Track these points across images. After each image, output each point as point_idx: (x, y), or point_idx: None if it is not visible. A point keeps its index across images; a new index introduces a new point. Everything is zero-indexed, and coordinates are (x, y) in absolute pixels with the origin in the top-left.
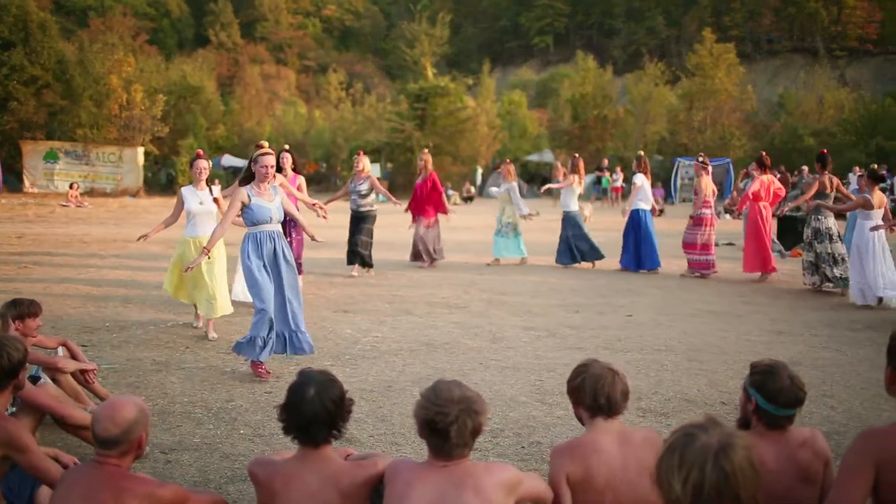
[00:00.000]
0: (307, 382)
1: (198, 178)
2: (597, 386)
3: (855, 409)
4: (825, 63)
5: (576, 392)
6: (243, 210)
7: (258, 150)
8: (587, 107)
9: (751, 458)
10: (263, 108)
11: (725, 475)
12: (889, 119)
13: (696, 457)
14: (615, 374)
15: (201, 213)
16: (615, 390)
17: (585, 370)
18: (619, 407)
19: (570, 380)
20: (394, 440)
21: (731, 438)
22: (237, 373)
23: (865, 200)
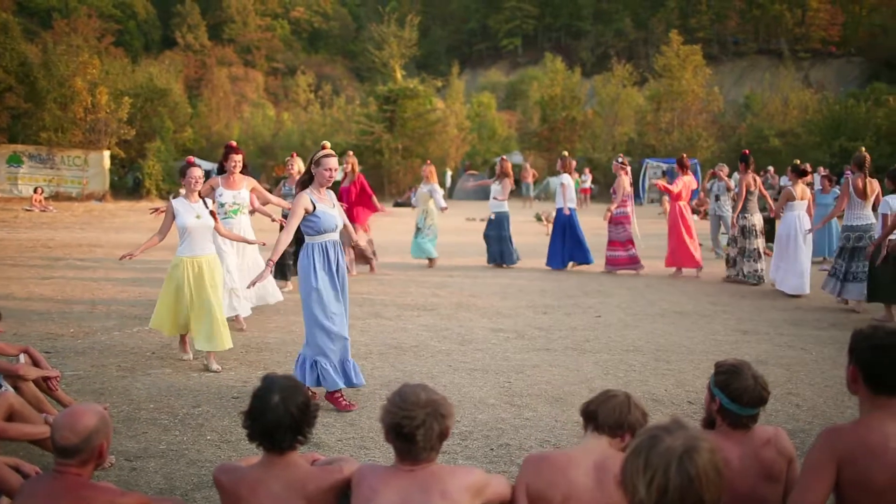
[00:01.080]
0: (271, 388)
1: (192, 189)
2: (599, 397)
3: (819, 406)
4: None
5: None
6: (306, 218)
7: (321, 150)
8: (556, 108)
9: (715, 462)
10: (232, 111)
11: (689, 478)
12: (852, 120)
13: (660, 460)
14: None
15: (199, 229)
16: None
17: (611, 389)
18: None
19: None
20: (362, 444)
21: (696, 441)
22: (203, 378)
23: (789, 193)
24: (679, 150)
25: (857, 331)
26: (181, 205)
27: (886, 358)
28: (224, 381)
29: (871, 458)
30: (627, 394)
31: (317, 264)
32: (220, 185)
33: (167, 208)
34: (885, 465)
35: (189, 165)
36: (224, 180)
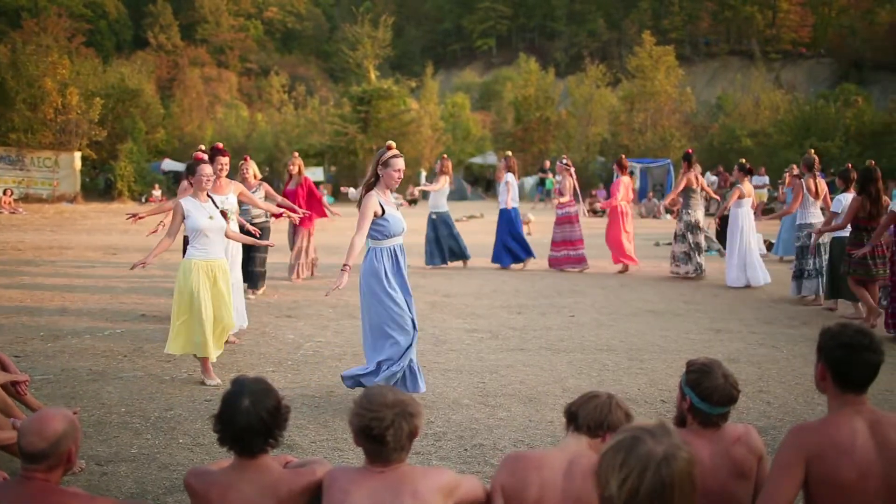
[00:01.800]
0: (241, 392)
1: (203, 188)
2: (582, 398)
3: (790, 404)
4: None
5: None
6: (375, 222)
7: (387, 150)
8: (530, 109)
9: (692, 472)
10: (204, 112)
11: (662, 485)
12: (822, 120)
13: (638, 461)
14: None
15: (213, 231)
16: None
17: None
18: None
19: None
20: (336, 446)
21: (676, 450)
22: (176, 381)
23: (740, 191)
24: (652, 150)
25: (825, 329)
26: (192, 204)
27: (854, 356)
28: (196, 383)
29: (838, 455)
30: (611, 395)
31: (387, 269)
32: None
33: (176, 208)
34: (853, 461)
35: (198, 162)
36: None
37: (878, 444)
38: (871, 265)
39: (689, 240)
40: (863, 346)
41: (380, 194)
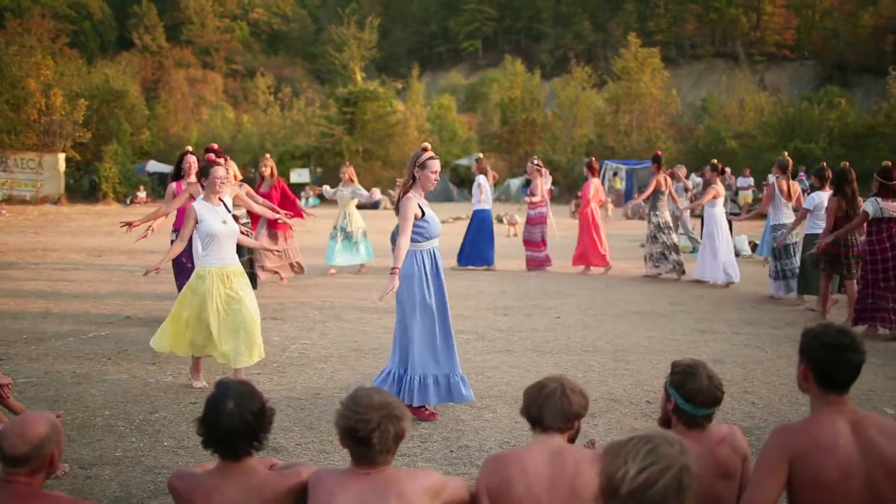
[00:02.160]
0: (225, 395)
1: (216, 191)
2: (535, 397)
3: (774, 404)
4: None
5: (523, 398)
6: (415, 224)
7: (423, 152)
8: (516, 110)
9: (696, 490)
10: (190, 113)
11: (678, 489)
12: (806, 122)
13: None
14: (562, 389)
15: (227, 235)
16: (550, 404)
17: (542, 382)
18: (554, 424)
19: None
20: (322, 448)
21: (695, 466)
22: (161, 384)
23: (715, 191)
24: (638, 151)
25: (807, 330)
26: (205, 208)
27: (836, 356)
28: (181, 385)
29: (821, 454)
30: (561, 382)
31: (427, 271)
32: (200, 192)
33: (189, 213)
34: (835, 461)
35: (211, 164)
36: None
37: (859, 443)
38: (845, 264)
39: (662, 239)
40: (844, 347)
41: (417, 196)
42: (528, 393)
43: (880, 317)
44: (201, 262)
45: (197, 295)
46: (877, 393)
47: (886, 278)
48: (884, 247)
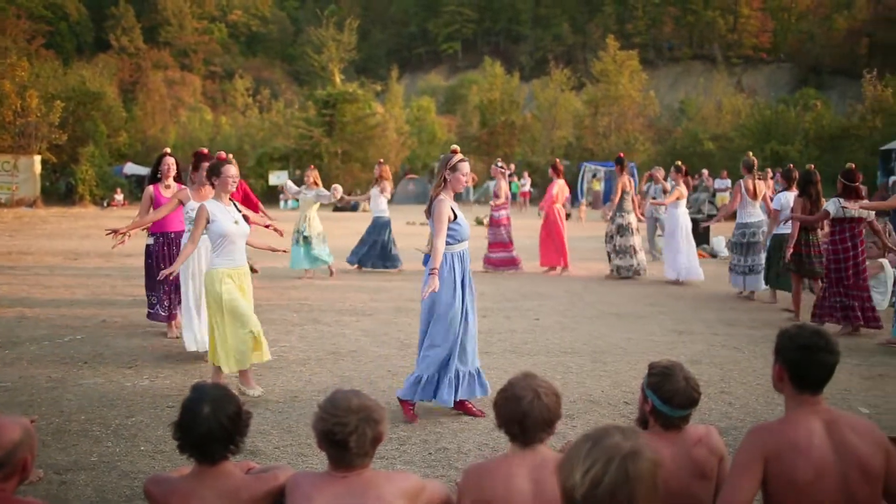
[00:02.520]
0: (201, 398)
1: (227, 190)
2: (513, 410)
3: (751, 404)
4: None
5: (496, 414)
6: (448, 227)
7: (453, 155)
8: (495, 112)
9: (655, 475)
10: (168, 115)
11: (626, 478)
12: (782, 124)
13: (604, 452)
14: (537, 397)
15: (239, 236)
16: (532, 416)
17: (508, 389)
18: (536, 435)
19: (495, 400)
20: (300, 451)
21: (643, 449)
22: (138, 388)
23: (679, 192)
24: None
25: (782, 330)
26: (217, 208)
27: (811, 357)
28: (158, 389)
29: (795, 454)
30: (533, 389)
31: (457, 273)
32: (190, 198)
33: (200, 212)
34: (809, 461)
35: (223, 163)
36: (196, 193)
37: (834, 443)
38: (807, 263)
39: (617, 241)
40: (819, 348)
41: (449, 199)
42: (504, 408)
43: (845, 315)
44: (212, 263)
45: (220, 301)
46: (852, 392)
47: (849, 276)
48: (846, 246)
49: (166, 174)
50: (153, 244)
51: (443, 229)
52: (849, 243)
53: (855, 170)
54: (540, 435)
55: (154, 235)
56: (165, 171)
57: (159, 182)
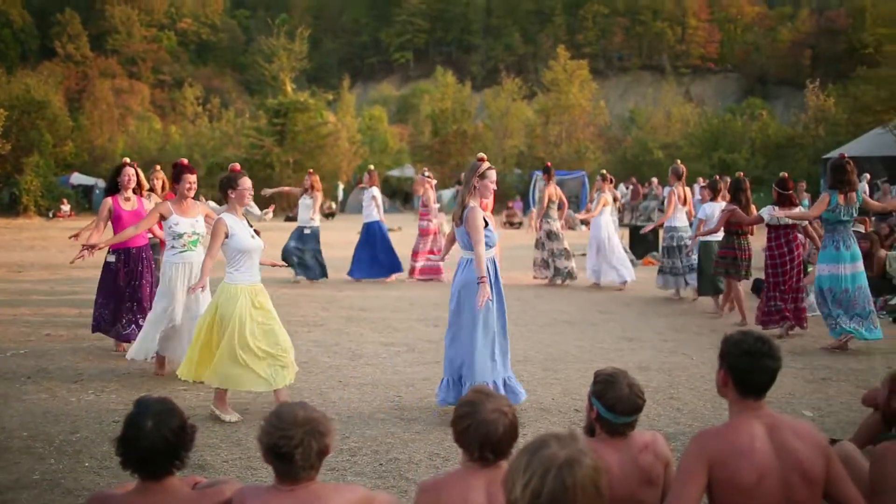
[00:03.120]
0: (144, 413)
1: (244, 203)
2: (485, 436)
3: (699, 410)
4: (671, 80)
5: (461, 439)
6: None
7: (481, 163)
8: (447, 122)
9: (596, 480)
10: (116, 124)
11: (564, 488)
12: (729, 133)
13: (540, 464)
14: (504, 416)
15: (256, 251)
16: (505, 439)
17: (472, 414)
18: (506, 454)
19: (455, 422)
20: (249, 464)
21: (581, 456)
22: (83, 402)
23: (605, 199)
24: (567, 162)
25: (727, 336)
26: (234, 222)
27: (754, 363)
28: (104, 404)
29: (739, 458)
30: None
31: (490, 282)
32: (172, 212)
33: (218, 226)
34: (752, 464)
35: (238, 174)
36: (177, 206)
37: (776, 447)
38: (735, 266)
39: (547, 247)
40: (762, 354)
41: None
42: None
43: (779, 318)
44: (229, 278)
45: (228, 318)
46: (796, 396)
47: (786, 280)
48: (781, 251)
49: (126, 185)
50: (114, 261)
51: (480, 237)
52: (784, 248)
53: (788, 178)
54: (506, 455)
55: (115, 252)
56: (125, 182)
57: (118, 194)
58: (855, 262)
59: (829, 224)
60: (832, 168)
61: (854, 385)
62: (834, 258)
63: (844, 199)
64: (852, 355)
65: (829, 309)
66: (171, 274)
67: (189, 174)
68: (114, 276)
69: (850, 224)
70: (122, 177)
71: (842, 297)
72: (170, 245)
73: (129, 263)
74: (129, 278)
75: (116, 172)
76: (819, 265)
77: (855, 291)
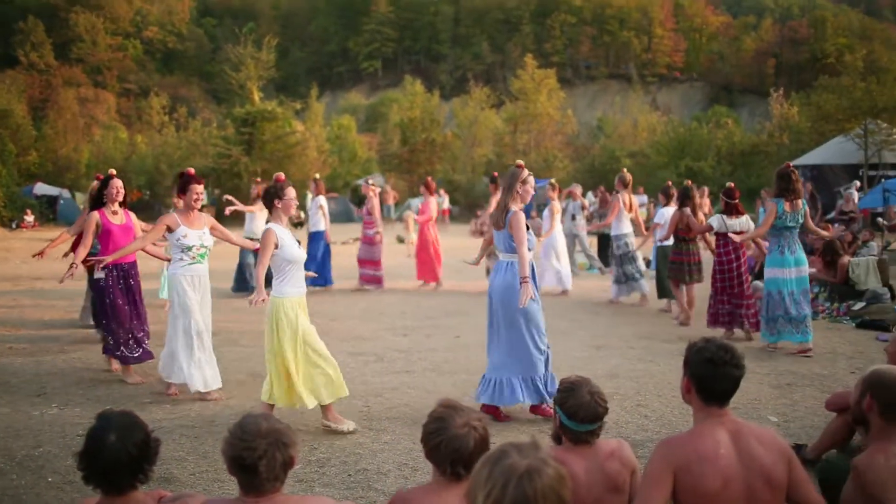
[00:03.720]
0: (106, 427)
1: (290, 214)
2: (457, 451)
3: (667, 416)
4: (638, 88)
5: (432, 455)
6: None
7: (520, 169)
8: (416, 130)
9: (559, 489)
10: (80, 134)
11: (525, 498)
12: (695, 141)
13: (501, 475)
14: (474, 430)
15: (302, 262)
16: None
17: (443, 430)
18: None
19: (425, 439)
20: (216, 476)
21: (541, 464)
22: (46, 416)
23: (555, 207)
24: (535, 170)
25: (691, 344)
26: (283, 232)
27: (717, 370)
28: (68, 418)
29: (703, 464)
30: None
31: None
32: (179, 223)
33: (268, 236)
34: (716, 470)
35: (283, 184)
36: (184, 217)
37: (739, 453)
38: (687, 271)
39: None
40: (724, 361)
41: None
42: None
43: (732, 321)
44: (279, 291)
45: (295, 336)
46: (761, 402)
47: (733, 286)
48: (730, 258)
49: (114, 198)
50: (104, 278)
51: (524, 239)
52: (732, 255)
53: (734, 188)
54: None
55: (104, 269)
56: (113, 195)
57: (104, 206)
58: (800, 267)
59: (776, 230)
60: (778, 177)
61: (818, 390)
62: (779, 262)
63: (790, 207)
64: (816, 361)
65: (770, 312)
66: (183, 287)
67: (196, 184)
68: (109, 295)
69: (795, 230)
70: (110, 189)
71: (788, 300)
72: (178, 258)
73: (121, 279)
74: (128, 295)
75: (104, 185)
76: (766, 269)
77: (799, 295)
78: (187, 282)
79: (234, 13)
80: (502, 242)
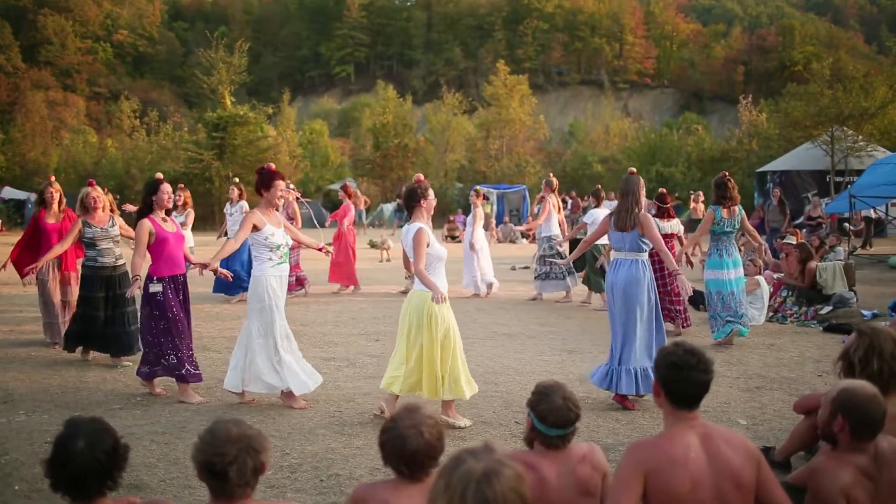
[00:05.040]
0: (74, 434)
1: (431, 212)
2: (400, 449)
3: (638, 420)
4: (610, 95)
5: (381, 452)
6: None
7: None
8: (388, 136)
9: (518, 489)
10: (49, 137)
11: (486, 501)
12: (666, 147)
13: (459, 482)
14: (420, 434)
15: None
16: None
17: (392, 429)
18: (423, 472)
19: (379, 436)
20: (187, 483)
21: (498, 466)
22: (13, 423)
23: (480, 213)
24: (508, 176)
25: (661, 348)
26: (430, 231)
27: (684, 374)
28: (35, 424)
29: (673, 468)
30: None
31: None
32: (265, 222)
33: (421, 236)
34: (686, 473)
35: (426, 186)
36: (267, 216)
37: (709, 456)
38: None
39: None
40: (690, 366)
41: None
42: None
43: (669, 317)
44: (421, 286)
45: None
46: (731, 405)
47: (664, 283)
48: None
49: (164, 204)
50: (161, 291)
51: (659, 236)
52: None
53: (666, 194)
54: (426, 470)
55: (161, 280)
56: (163, 201)
57: (152, 213)
58: (737, 268)
59: (715, 235)
60: (716, 186)
61: (786, 393)
62: (719, 265)
63: (728, 213)
64: (784, 365)
65: (715, 311)
66: (273, 287)
67: (279, 180)
68: (164, 310)
69: (732, 235)
70: (161, 194)
71: (728, 300)
72: (265, 257)
73: (176, 292)
74: (184, 307)
75: (152, 190)
76: (706, 271)
77: (739, 294)
78: (277, 282)
79: (205, 17)
80: (627, 242)
